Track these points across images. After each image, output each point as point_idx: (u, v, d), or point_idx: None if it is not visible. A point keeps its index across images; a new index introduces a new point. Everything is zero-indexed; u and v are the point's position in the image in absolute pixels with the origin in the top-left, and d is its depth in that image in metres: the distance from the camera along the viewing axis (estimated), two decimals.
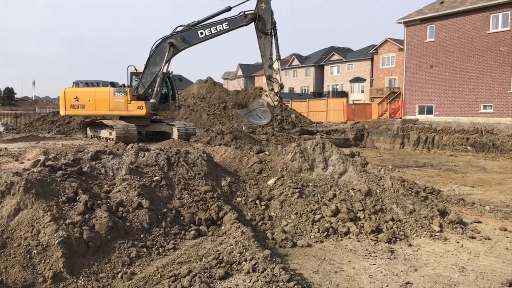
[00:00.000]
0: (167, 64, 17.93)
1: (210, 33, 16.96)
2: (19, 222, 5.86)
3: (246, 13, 16.64)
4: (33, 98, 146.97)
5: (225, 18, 16.93)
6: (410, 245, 7.04)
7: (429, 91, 29.17)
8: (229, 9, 16.79)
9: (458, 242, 7.20)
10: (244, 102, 17.45)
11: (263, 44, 16.76)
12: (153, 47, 17.89)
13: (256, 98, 31.29)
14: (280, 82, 16.91)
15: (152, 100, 18.43)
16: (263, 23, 16.53)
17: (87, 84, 19.34)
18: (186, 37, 17.34)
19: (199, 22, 17.16)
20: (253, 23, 16.69)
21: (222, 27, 16.87)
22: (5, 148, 16.09)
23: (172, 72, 19.60)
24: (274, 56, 16.73)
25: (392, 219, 7.82)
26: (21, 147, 16.60)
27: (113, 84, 19.25)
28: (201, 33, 17.10)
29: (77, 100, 18.58)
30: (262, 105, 17.05)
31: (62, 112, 19.61)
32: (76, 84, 19.31)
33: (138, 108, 18.60)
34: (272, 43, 16.72)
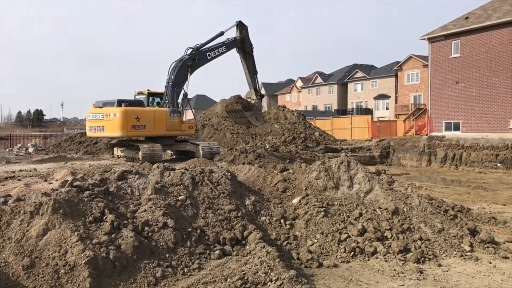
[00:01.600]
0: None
1: (215, 54, 19.81)
2: (47, 242, 5.96)
3: (236, 37, 20.18)
4: (61, 120, 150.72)
5: (223, 42, 20.07)
6: (439, 265, 6.86)
7: (456, 107, 28.71)
8: (222, 33, 19.99)
9: (490, 263, 6.98)
10: (249, 105, 20.14)
11: (247, 62, 20.58)
12: (173, 69, 18.70)
13: (281, 118, 31.44)
14: (261, 93, 21.72)
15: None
16: (246, 45, 20.37)
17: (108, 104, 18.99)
18: (199, 58, 19.44)
19: (203, 44, 19.62)
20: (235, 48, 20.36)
21: (222, 50, 19.98)
22: (34, 169, 16.47)
23: None
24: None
25: (421, 239, 7.65)
26: (49, 167, 16.96)
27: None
28: (208, 55, 19.68)
29: (138, 121, 18.07)
30: (259, 109, 21.31)
31: (121, 133, 18.06)
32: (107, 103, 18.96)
33: (189, 128, 20.03)
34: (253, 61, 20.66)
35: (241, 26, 20.35)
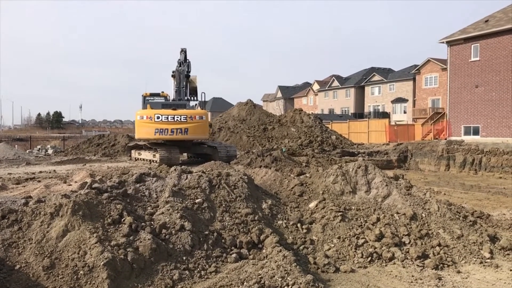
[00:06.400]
0: None
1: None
2: (66, 243, 6.04)
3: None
4: (80, 122, 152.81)
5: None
6: (458, 272, 6.77)
7: (475, 111, 28.32)
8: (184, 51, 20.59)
9: (511, 270, 6.86)
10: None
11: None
12: (178, 76, 19.64)
13: (297, 121, 31.37)
14: None
15: None
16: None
17: (167, 105, 18.99)
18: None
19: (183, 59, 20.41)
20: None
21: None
22: (54, 170, 16.72)
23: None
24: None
25: (439, 245, 7.55)
26: (68, 169, 17.19)
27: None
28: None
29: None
30: None
31: (207, 136, 19.41)
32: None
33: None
34: None
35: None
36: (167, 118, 18.04)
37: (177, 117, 18.09)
